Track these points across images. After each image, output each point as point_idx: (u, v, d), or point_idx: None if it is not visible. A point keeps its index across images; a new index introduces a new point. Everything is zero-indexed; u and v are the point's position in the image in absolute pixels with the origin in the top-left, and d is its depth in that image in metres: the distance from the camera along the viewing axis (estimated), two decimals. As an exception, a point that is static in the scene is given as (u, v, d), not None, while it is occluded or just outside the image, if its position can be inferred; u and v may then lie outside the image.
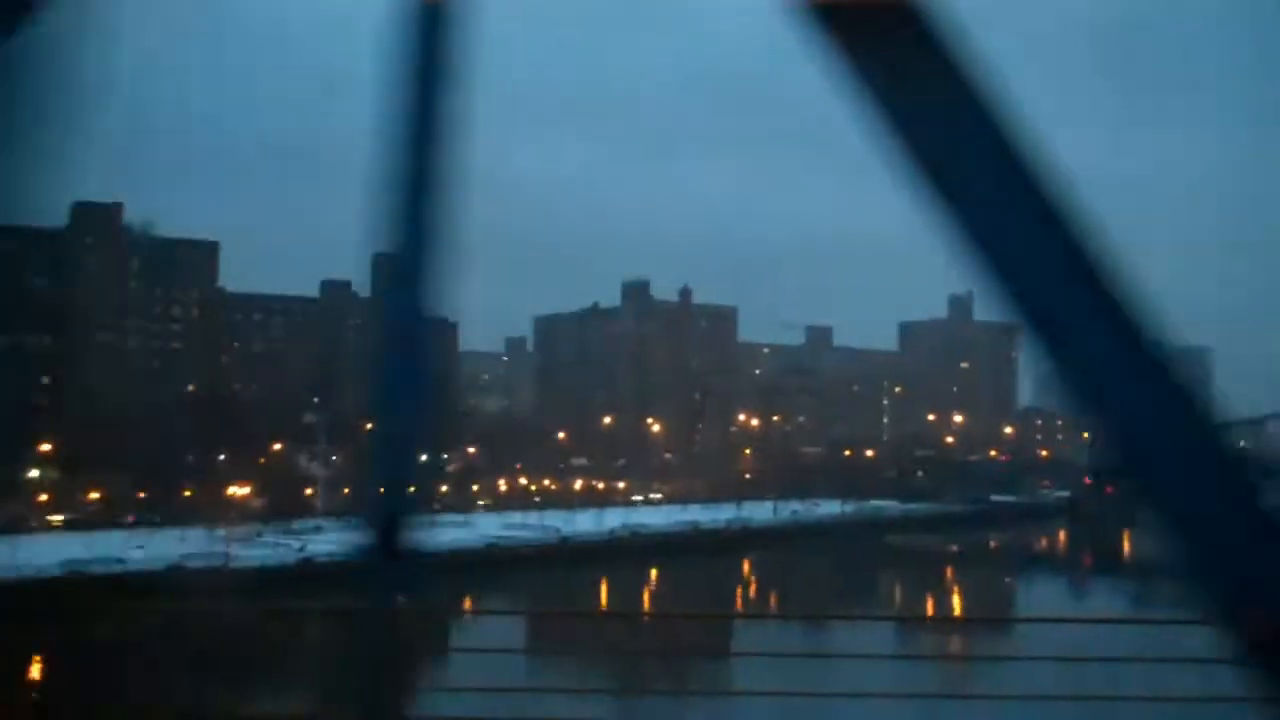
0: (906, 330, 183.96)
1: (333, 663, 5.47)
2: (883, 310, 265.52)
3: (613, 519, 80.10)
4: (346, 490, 75.04)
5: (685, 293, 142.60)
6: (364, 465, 6.34)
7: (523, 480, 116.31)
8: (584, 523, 78.09)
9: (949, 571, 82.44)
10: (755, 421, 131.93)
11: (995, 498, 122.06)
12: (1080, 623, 20.95)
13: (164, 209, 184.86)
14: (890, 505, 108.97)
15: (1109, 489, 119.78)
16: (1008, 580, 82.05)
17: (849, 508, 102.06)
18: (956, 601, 72.60)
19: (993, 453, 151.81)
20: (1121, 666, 10.58)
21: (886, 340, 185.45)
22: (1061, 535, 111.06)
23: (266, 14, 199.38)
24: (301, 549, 60.90)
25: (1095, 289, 3.94)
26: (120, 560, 54.64)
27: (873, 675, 13.35)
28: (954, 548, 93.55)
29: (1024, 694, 10.89)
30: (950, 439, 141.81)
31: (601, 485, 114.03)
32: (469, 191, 4.87)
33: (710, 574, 71.37)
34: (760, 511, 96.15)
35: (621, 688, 19.36)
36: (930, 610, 63.15)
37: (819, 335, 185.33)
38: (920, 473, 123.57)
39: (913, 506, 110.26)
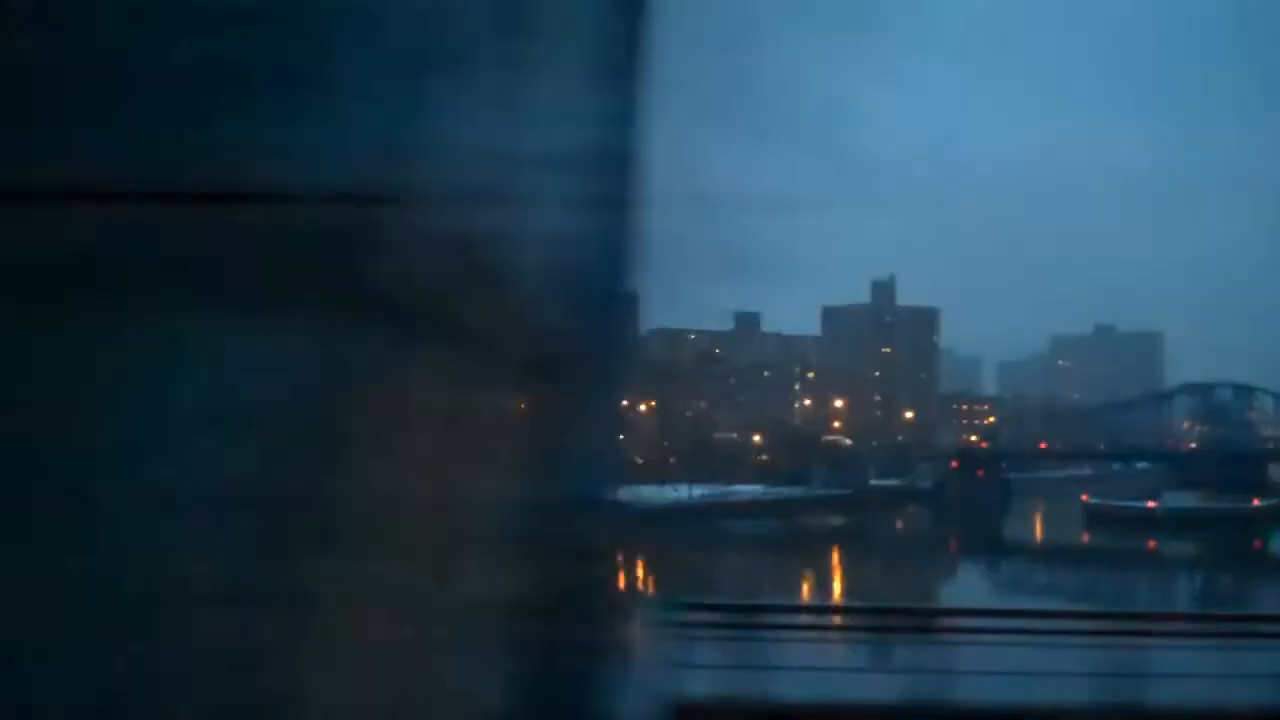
0: (829, 315, 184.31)
1: None
2: (813, 295, 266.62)
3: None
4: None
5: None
6: None
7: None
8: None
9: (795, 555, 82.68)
10: (643, 407, 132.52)
11: (875, 482, 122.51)
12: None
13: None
14: (747, 490, 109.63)
15: (979, 472, 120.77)
16: (841, 563, 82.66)
17: (698, 492, 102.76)
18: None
19: (900, 437, 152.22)
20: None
21: (813, 325, 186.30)
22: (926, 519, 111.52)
23: None
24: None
25: None
26: None
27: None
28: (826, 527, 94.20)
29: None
30: (838, 423, 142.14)
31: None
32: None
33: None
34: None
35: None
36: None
37: (746, 321, 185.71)
38: (764, 456, 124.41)
39: (779, 490, 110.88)
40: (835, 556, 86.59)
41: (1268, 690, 10.76)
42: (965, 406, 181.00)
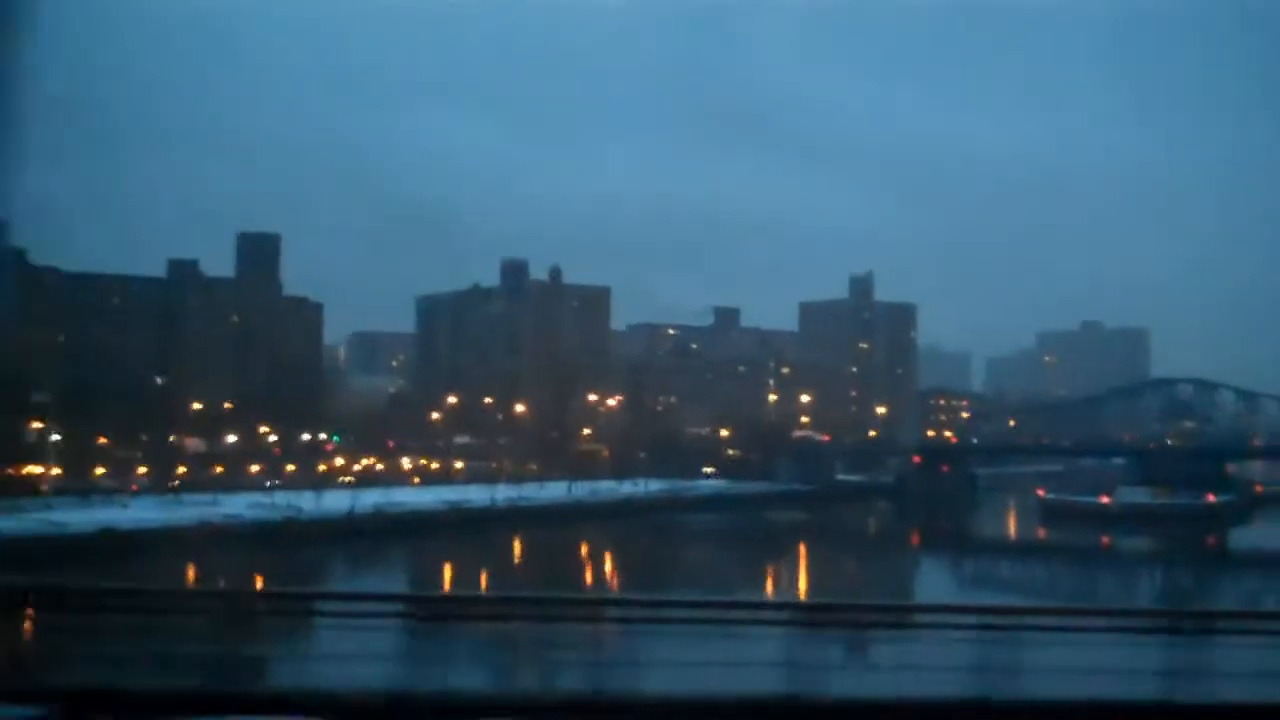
0: (806, 311, 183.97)
1: None
2: (792, 290, 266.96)
3: (370, 497, 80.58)
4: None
5: (555, 273, 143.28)
6: None
7: (404, 459, 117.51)
8: (337, 501, 78.73)
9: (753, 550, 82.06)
10: (612, 402, 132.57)
11: (841, 477, 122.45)
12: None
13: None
14: (706, 484, 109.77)
15: (944, 468, 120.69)
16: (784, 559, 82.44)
17: (654, 486, 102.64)
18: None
19: (873, 433, 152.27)
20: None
21: (793, 321, 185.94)
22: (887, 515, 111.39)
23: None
24: None
25: None
26: None
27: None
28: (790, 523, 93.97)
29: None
30: (806, 418, 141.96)
31: (436, 465, 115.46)
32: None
33: (447, 552, 72.62)
34: (555, 491, 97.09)
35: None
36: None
37: (726, 317, 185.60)
38: (730, 451, 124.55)
39: (742, 485, 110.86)
40: (800, 551, 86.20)
41: (1197, 686, 10.70)
42: (945, 402, 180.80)
